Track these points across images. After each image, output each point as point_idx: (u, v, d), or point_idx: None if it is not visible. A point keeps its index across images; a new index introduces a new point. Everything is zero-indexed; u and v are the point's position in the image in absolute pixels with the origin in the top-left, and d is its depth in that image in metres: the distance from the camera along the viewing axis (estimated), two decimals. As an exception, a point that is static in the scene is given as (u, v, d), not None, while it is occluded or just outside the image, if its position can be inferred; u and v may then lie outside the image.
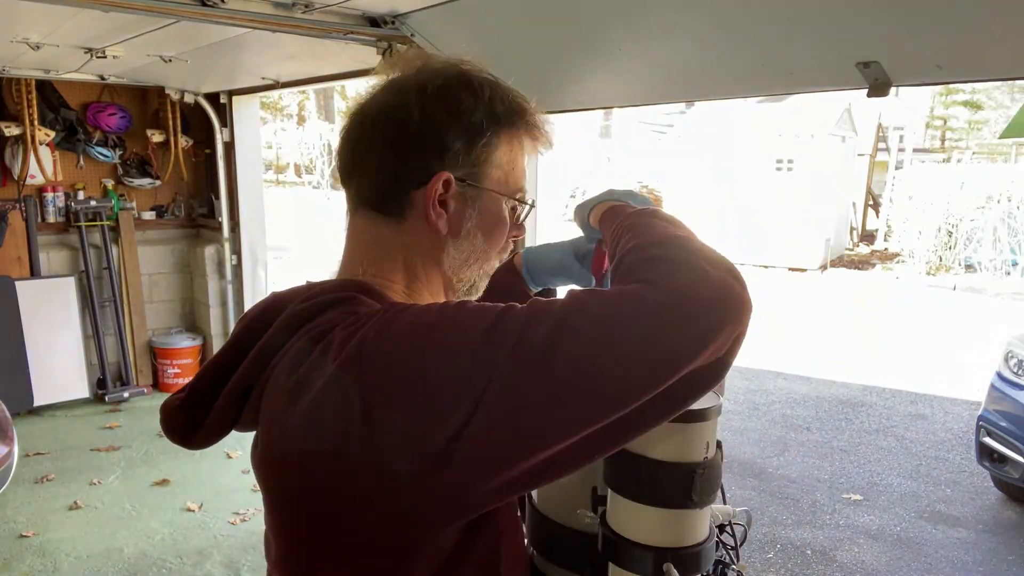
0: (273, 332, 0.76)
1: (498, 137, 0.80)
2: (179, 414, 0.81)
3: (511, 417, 0.62)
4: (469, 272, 0.85)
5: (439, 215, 0.78)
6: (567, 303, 0.65)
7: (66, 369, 4.82)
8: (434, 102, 0.78)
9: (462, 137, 0.78)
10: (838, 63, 1.36)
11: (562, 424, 0.63)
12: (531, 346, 0.62)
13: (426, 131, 0.77)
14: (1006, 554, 3.70)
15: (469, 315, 0.67)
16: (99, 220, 4.93)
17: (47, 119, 4.67)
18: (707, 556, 0.79)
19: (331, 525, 0.68)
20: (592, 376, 0.62)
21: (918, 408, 5.91)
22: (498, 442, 0.62)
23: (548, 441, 0.63)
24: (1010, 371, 4.03)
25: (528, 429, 0.62)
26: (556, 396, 0.62)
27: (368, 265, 0.81)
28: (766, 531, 3.79)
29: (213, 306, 5.25)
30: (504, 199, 0.83)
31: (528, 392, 0.62)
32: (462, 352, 0.64)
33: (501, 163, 0.81)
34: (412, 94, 0.78)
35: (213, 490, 3.79)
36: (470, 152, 0.78)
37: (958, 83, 2.71)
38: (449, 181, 0.77)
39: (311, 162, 21.87)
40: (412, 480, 0.63)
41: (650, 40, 1.64)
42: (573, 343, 0.62)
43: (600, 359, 0.62)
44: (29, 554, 3.18)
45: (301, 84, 4.03)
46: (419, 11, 1.97)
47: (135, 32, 2.75)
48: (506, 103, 0.80)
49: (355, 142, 0.82)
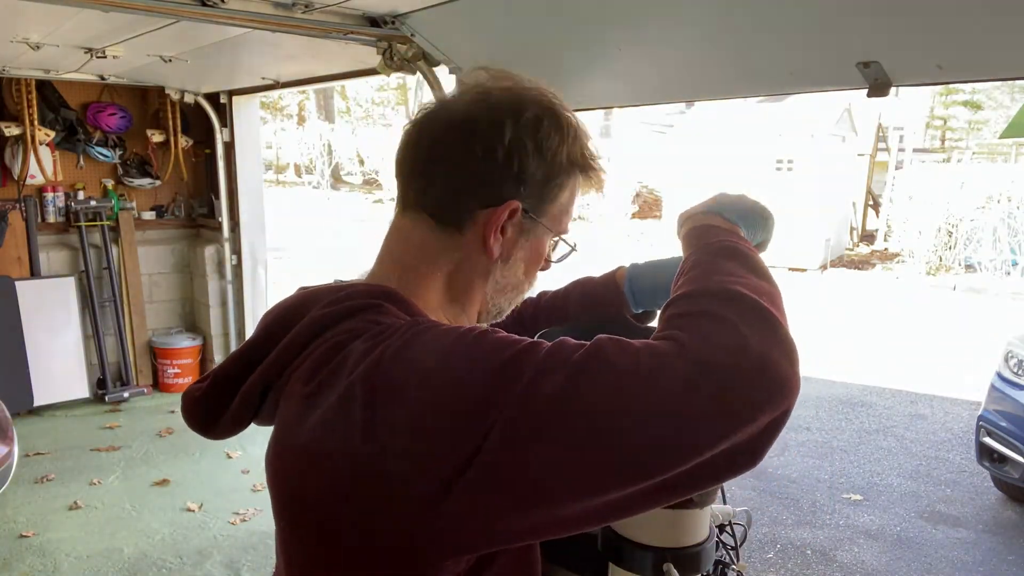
0: (295, 335, 0.75)
1: (571, 180, 0.82)
2: (199, 405, 0.81)
3: (509, 465, 0.59)
4: (503, 299, 0.85)
5: (497, 239, 0.78)
6: (590, 352, 0.61)
7: (66, 369, 4.82)
8: (525, 131, 0.77)
9: (541, 173, 0.78)
10: (838, 63, 1.36)
11: (563, 484, 0.59)
12: (543, 393, 0.59)
13: (511, 158, 0.76)
14: (1006, 554, 3.70)
15: (487, 347, 0.65)
16: (99, 220, 4.93)
17: (47, 119, 4.66)
18: (707, 556, 0.79)
19: (334, 538, 0.67)
20: (602, 442, 0.58)
21: (918, 408, 5.91)
22: (497, 487, 0.59)
23: (548, 497, 0.60)
24: (1010, 371, 4.03)
25: (528, 481, 0.59)
26: (558, 452, 0.58)
27: (405, 270, 0.80)
28: (766, 531, 3.79)
29: (213, 306, 5.25)
30: (551, 236, 0.84)
31: (530, 442, 0.59)
32: (472, 386, 0.62)
33: (563, 203, 0.82)
34: (507, 117, 0.77)
35: (213, 490, 3.79)
36: (543, 188, 0.79)
37: (958, 83, 2.71)
38: (516, 210, 0.78)
39: (311, 162, 21.86)
40: (412, 506, 0.61)
41: (650, 40, 1.64)
42: (587, 399, 0.59)
43: (613, 423, 0.58)
44: (29, 554, 3.18)
45: (301, 84, 4.03)
46: (419, 11, 1.97)
47: (135, 32, 2.75)
48: (585, 150, 0.82)
49: (432, 143, 0.80)
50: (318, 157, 21.34)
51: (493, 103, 0.78)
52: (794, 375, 0.60)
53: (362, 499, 0.64)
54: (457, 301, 0.82)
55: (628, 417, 0.58)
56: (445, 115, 0.80)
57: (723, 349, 0.59)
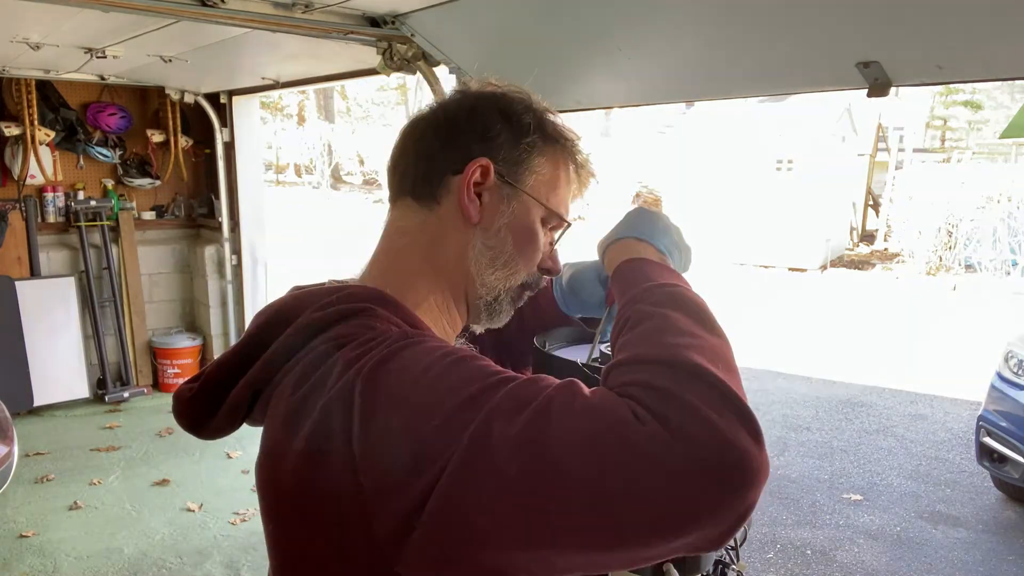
0: (286, 338, 0.74)
1: (543, 145, 0.81)
2: (190, 406, 0.81)
3: (460, 506, 0.57)
4: (494, 277, 0.81)
5: (471, 200, 0.78)
6: (553, 399, 0.58)
7: (66, 369, 4.82)
8: (488, 100, 0.81)
9: (507, 131, 0.79)
10: (838, 63, 1.36)
11: (502, 529, 0.56)
12: (497, 437, 0.57)
13: (473, 120, 0.79)
14: (1006, 554, 3.70)
15: (457, 377, 0.63)
16: (99, 220, 4.93)
17: (47, 119, 4.66)
18: (707, 556, 0.79)
19: (318, 539, 0.67)
20: (552, 495, 0.55)
21: (918, 408, 5.91)
22: (448, 526, 0.57)
23: (496, 544, 0.57)
24: (1010, 371, 4.02)
25: (471, 522, 0.57)
26: (503, 501, 0.56)
27: (391, 263, 0.82)
28: (766, 531, 3.79)
29: (213, 306, 5.25)
30: (539, 209, 0.82)
31: (479, 483, 0.56)
32: (433, 418, 0.60)
33: (543, 172, 0.81)
34: (469, 94, 0.82)
35: (213, 490, 3.79)
36: (513, 148, 0.79)
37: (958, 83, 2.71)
38: (487, 168, 0.78)
39: (311, 162, 21.87)
40: (381, 529, 0.60)
41: (650, 40, 1.64)
42: (546, 448, 0.55)
43: (565, 482, 0.55)
44: (29, 554, 3.18)
45: (301, 84, 4.03)
46: (419, 11, 1.97)
47: (135, 32, 2.75)
48: (556, 127, 0.82)
49: (405, 136, 0.84)
50: (318, 157, 21.34)
51: (466, 94, 0.83)
52: (762, 455, 0.55)
53: (342, 509, 0.63)
54: (443, 277, 0.81)
55: (582, 481, 0.54)
56: (423, 112, 0.84)
57: (693, 440, 0.54)
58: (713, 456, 0.53)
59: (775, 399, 6.04)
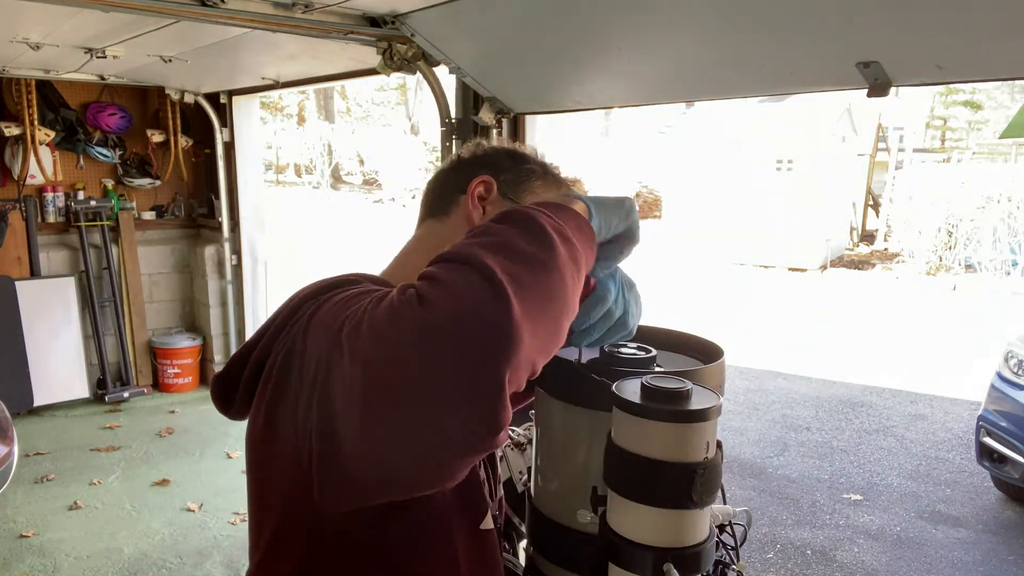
0: (278, 313, 0.80)
1: (543, 174, 0.95)
2: (217, 385, 0.86)
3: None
4: None
5: (476, 208, 0.90)
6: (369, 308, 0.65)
7: (66, 369, 4.82)
8: (498, 147, 0.98)
9: (510, 162, 0.95)
10: (838, 63, 1.36)
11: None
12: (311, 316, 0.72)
13: (483, 156, 0.96)
14: (1006, 554, 3.70)
15: (346, 299, 0.71)
16: (99, 220, 4.93)
17: (47, 119, 4.67)
18: (707, 556, 0.79)
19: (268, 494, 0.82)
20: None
21: (918, 408, 5.91)
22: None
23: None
24: (1010, 371, 4.03)
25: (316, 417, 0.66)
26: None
27: (397, 262, 0.93)
28: (766, 531, 3.79)
29: (213, 306, 5.25)
30: None
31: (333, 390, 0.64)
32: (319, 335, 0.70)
33: (541, 195, 0.93)
34: (483, 145, 0.99)
35: (213, 490, 3.79)
36: (515, 173, 0.94)
37: (958, 83, 2.71)
38: (490, 184, 0.91)
39: (311, 162, 21.86)
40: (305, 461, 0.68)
41: (650, 40, 1.64)
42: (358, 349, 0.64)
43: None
44: (29, 554, 3.18)
45: (301, 84, 4.03)
46: (419, 11, 1.97)
47: (135, 32, 2.75)
48: (556, 169, 0.98)
49: (430, 180, 1.01)
50: (318, 157, 21.34)
51: (480, 144, 1.00)
52: (510, 319, 0.58)
53: (283, 454, 0.74)
54: None
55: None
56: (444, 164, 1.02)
57: (438, 311, 0.59)
58: (451, 324, 0.58)
59: (775, 399, 6.05)
